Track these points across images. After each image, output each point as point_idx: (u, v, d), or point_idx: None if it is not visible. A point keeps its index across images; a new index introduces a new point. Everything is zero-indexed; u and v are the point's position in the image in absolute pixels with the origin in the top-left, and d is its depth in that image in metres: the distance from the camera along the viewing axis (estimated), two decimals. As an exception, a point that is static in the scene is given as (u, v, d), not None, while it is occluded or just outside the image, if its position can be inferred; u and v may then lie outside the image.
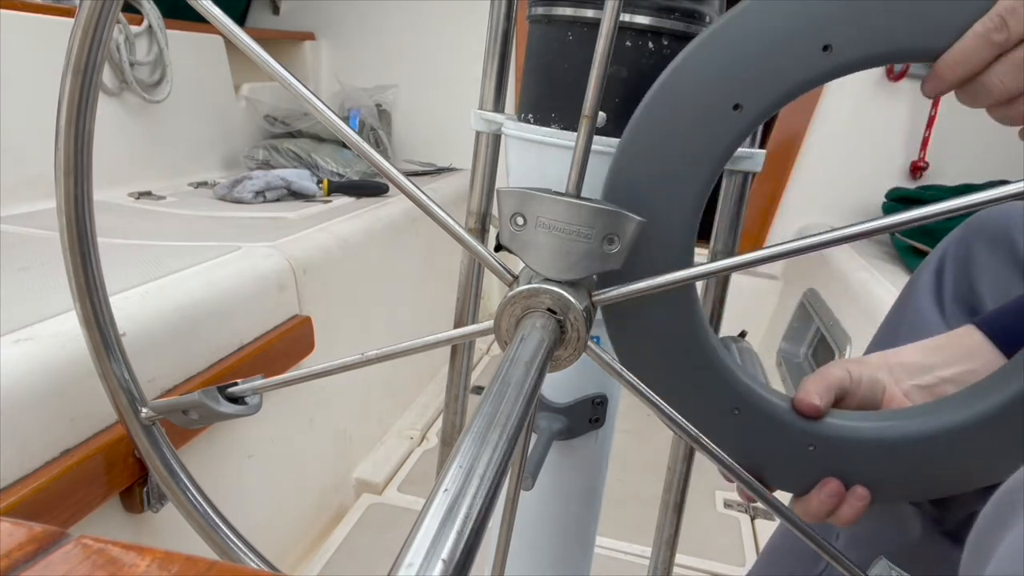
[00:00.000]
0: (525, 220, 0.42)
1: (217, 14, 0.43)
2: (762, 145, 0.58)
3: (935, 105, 2.03)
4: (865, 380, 0.54)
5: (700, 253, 0.43)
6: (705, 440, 0.46)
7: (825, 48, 0.41)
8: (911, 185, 2.06)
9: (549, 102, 0.56)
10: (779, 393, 0.52)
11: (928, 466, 0.51)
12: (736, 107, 0.43)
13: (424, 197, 0.45)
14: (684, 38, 0.52)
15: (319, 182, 1.77)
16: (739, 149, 0.56)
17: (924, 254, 0.82)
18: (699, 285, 0.56)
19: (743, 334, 0.61)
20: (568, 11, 0.53)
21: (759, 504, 0.50)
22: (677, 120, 0.44)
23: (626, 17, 0.51)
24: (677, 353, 0.49)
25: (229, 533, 0.60)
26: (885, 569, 0.64)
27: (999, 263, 0.67)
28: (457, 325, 0.65)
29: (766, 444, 0.50)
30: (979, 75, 0.40)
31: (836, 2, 0.41)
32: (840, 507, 0.51)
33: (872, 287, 1.54)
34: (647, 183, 0.46)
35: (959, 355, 0.56)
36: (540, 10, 0.55)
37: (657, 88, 0.44)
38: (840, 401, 0.53)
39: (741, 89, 0.43)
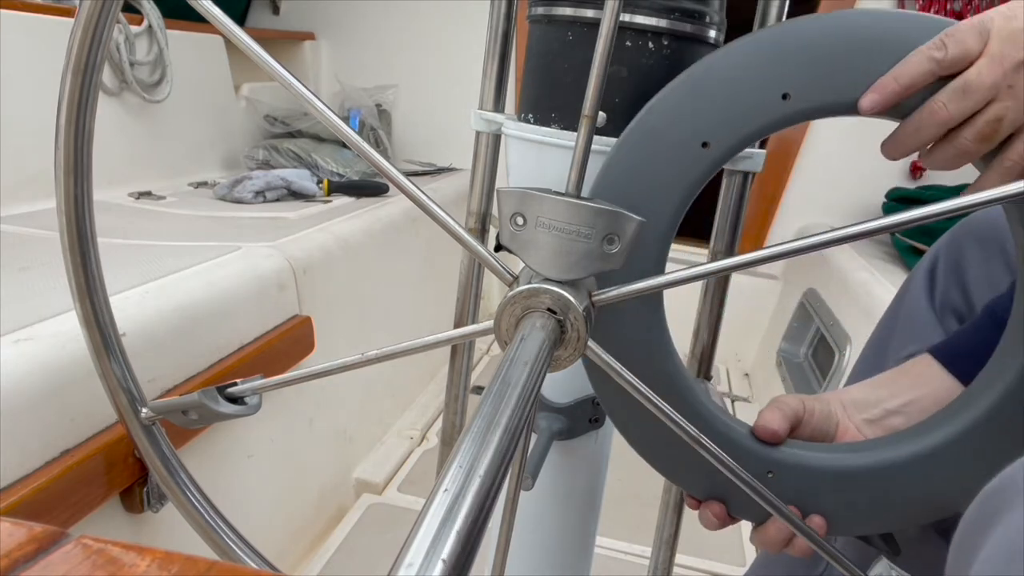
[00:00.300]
0: (525, 220, 0.42)
1: (217, 14, 0.43)
2: (762, 145, 0.58)
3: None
4: (818, 411, 0.56)
5: (700, 253, 0.43)
6: (705, 440, 0.47)
7: (784, 96, 0.45)
8: (911, 185, 2.06)
9: (549, 102, 0.56)
10: (740, 421, 0.54)
11: (883, 498, 0.52)
12: (704, 144, 0.46)
13: (424, 197, 0.45)
14: (684, 38, 0.52)
15: (319, 182, 1.77)
16: None
17: (924, 254, 0.82)
18: (699, 285, 0.57)
19: (708, 378, 0.62)
20: (568, 11, 0.53)
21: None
22: (652, 151, 0.47)
23: (626, 17, 0.51)
24: (646, 370, 0.50)
25: (229, 533, 0.60)
26: (885, 569, 0.64)
27: (990, 264, 0.68)
28: (457, 325, 0.65)
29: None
30: (921, 103, 0.44)
31: (793, 55, 0.44)
32: (796, 536, 0.52)
33: (872, 287, 1.54)
34: (623, 205, 0.47)
35: (905, 386, 0.58)
36: (540, 10, 0.55)
37: (636, 122, 0.48)
38: (794, 430, 0.55)
39: (709, 128, 0.46)
